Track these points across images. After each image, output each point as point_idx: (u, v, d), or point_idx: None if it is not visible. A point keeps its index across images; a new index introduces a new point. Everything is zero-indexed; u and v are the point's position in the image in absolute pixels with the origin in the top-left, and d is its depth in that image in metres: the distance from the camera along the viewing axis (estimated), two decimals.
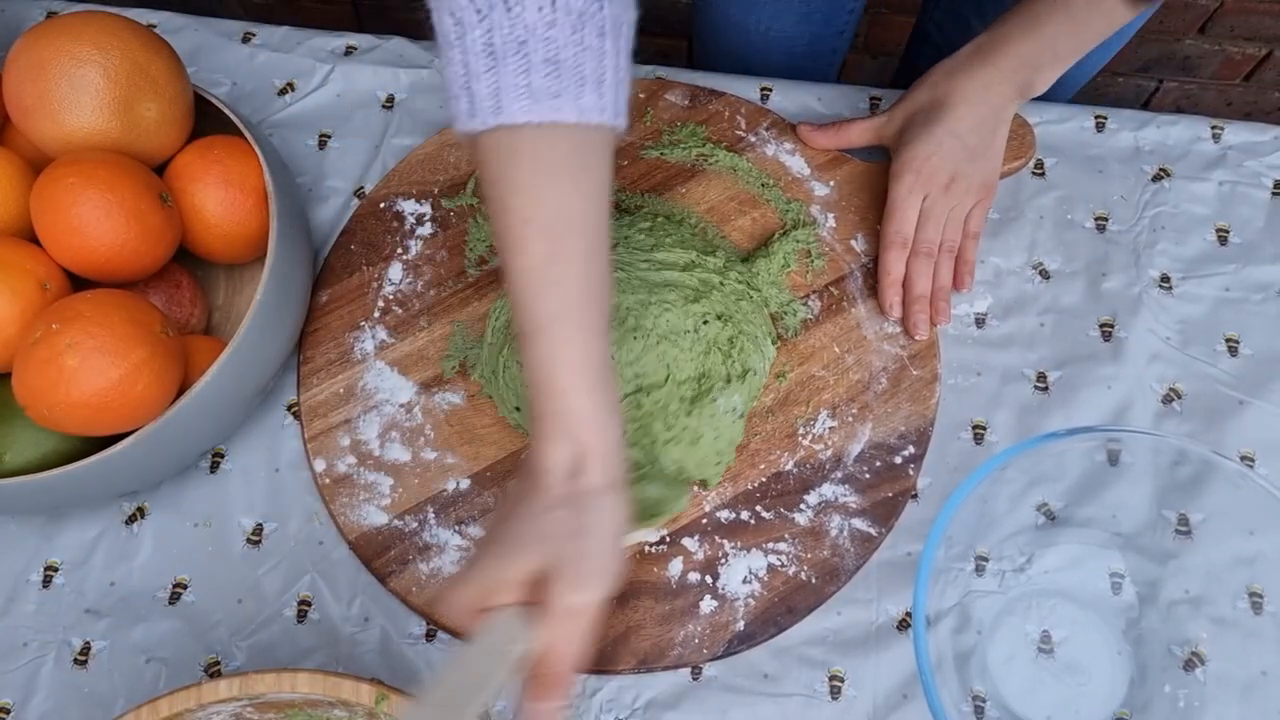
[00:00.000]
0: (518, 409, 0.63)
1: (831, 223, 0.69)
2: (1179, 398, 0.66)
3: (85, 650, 0.59)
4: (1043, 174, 0.72)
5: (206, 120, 0.63)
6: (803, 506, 0.62)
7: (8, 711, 0.58)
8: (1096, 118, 0.74)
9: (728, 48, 0.90)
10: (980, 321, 0.68)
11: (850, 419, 0.64)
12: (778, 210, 0.69)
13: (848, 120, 0.71)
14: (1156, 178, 0.72)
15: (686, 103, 0.73)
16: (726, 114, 0.73)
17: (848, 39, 0.92)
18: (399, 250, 0.69)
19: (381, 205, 0.70)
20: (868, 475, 0.62)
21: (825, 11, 0.86)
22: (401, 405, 0.64)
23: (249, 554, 0.62)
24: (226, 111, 0.62)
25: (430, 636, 0.60)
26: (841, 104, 0.75)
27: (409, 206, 0.70)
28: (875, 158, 0.71)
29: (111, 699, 0.58)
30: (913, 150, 0.66)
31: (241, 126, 0.61)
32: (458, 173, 0.71)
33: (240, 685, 0.48)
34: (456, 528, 0.61)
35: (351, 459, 0.63)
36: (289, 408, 0.65)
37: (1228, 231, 0.70)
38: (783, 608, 0.60)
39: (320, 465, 0.63)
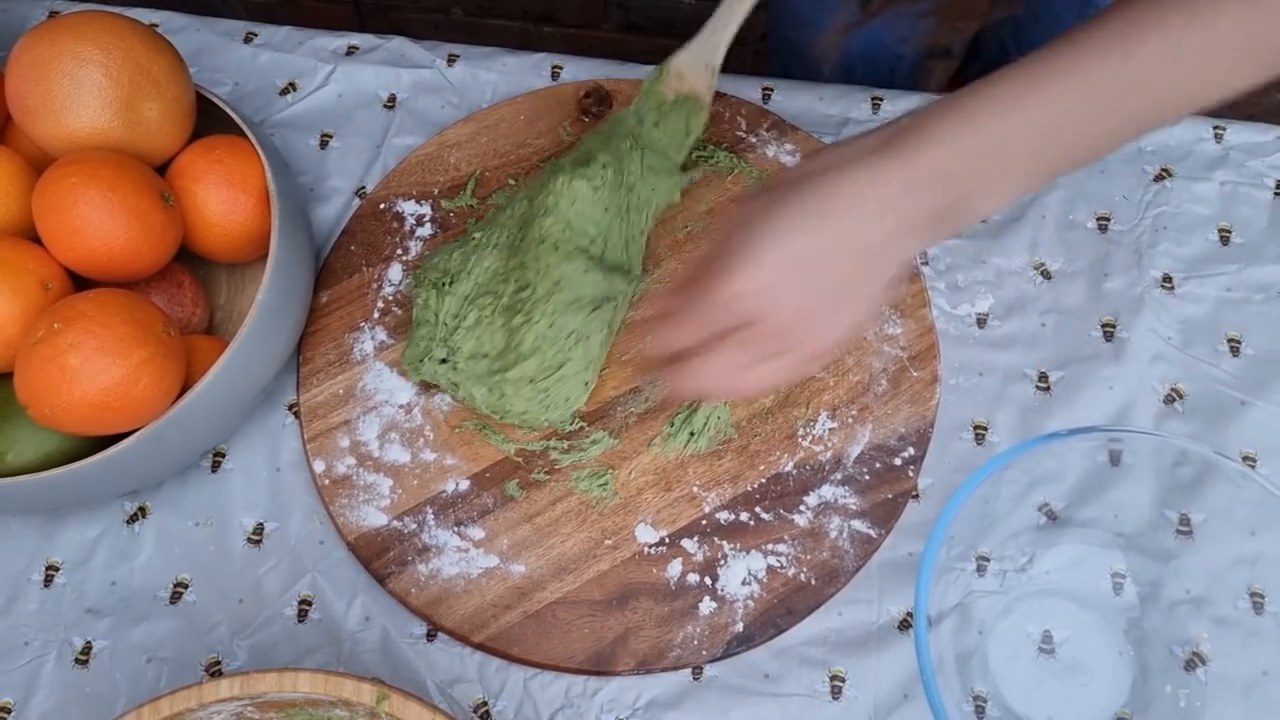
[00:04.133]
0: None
1: None
2: (1180, 398, 0.66)
3: (86, 650, 0.59)
4: None
5: (208, 120, 0.63)
6: (802, 508, 0.62)
7: (9, 711, 0.58)
8: None
9: (793, 39, 0.91)
10: (981, 321, 0.68)
11: (850, 420, 0.64)
12: None
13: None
14: (1158, 178, 0.72)
15: None
16: (727, 115, 0.72)
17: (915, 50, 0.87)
18: (399, 251, 0.69)
19: (381, 206, 0.70)
20: (867, 477, 0.62)
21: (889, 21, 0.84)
22: (401, 406, 0.64)
23: (250, 554, 0.62)
24: (228, 111, 0.62)
25: (431, 636, 0.60)
26: (843, 103, 0.74)
27: (409, 207, 0.70)
28: None
29: (113, 698, 0.58)
30: (732, 266, 0.43)
31: (243, 126, 0.61)
32: (458, 173, 0.71)
33: (241, 685, 0.48)
34: (455, 529, 0.61)
35: (351, 460, 0.63)
36: (289, 408, 0.65)
37: (1230, 232, 0.70)
38: (782, 609, 0.60)
39: (320, 466, 0.63)
